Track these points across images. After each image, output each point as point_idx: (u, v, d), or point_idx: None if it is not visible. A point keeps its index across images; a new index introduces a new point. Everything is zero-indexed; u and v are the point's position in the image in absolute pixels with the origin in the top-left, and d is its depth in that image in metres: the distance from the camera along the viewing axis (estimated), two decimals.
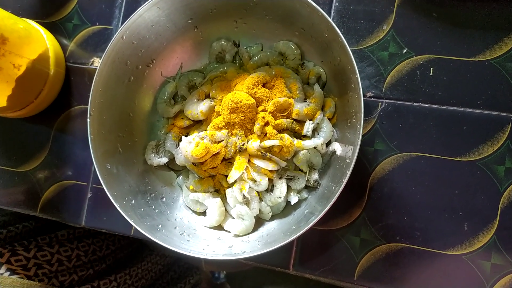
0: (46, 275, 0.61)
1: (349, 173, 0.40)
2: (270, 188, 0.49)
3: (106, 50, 0.46)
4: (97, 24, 0.61)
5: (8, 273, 0.56)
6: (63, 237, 0.70)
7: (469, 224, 0.47)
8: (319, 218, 0.40)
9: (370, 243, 0.49)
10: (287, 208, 0.50)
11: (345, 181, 0.40)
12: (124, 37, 0.47)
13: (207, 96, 0.52)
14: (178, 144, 0.51)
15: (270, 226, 0.48)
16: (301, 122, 0.49)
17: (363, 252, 0.50)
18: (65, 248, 0.67)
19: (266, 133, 0.47)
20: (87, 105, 0.47)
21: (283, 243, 0.41)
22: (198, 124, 0.52)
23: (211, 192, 0.51)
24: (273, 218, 0.50)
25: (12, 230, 0.65)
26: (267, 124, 0.48)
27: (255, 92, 0.48)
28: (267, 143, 0.46)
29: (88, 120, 0.46)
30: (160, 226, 0.47)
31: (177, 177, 0.54)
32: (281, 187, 0.48)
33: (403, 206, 0.49)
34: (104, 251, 0.77)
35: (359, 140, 0.40)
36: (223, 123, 0.48)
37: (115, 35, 0.47)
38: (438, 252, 0.48)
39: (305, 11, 0.44)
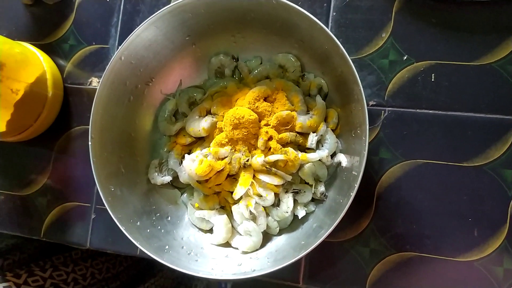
0: None
1: (357, 186, 0.40)
2: (277, 203, 0.48)
3: (105, 72, 0.46)
4: (94, 43, 0.60)
5: None
6: (77, 256, 0.70)
7: (479, 229, 0.47)
8: (328, 233, 0.40)
9: (380, 253, 0.49)
10: (295, 222, 0.49)
11: (353, 194, 0.40)
12: (123, 58, 0.47)
13: (209, 112, 0.52)
14: (181, 162, 0.51)
15: (279, 241, 0.48)
16: (304, 135, 0.49)
17: (373, 262, 0.49)
18: (79, 267, 0.67)
19: (270, 148, 0.47)
20: (87, 125, 0.46)
21: (293, 260, 0.40)
22: (200, 141, 0.52)
23: (216, 209, 0.50)
24: (281, 232, 0.49)
25: (25, 252, 0.65)
26: (270, 138, 0.47)
27: (257, 106, 0.48)
28: (272, 158, 0.46)
29: (90, 143, 0.46)
30: (167, 247, 0.46)
31: (182, 195, 0.53)
32: (287, 201, 0.47)
33: (411, 214, 0.49)
34: (117, 269, 0.77)
35: (365, 153, 0.40)
36: (226, 140, 0.48)
37: (113, 56, 0.46)
38: (449, 259, 0.47)
39: (303, 24, 0.44)
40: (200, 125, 0.50)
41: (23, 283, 0.57)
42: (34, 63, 0.56)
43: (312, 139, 0.48)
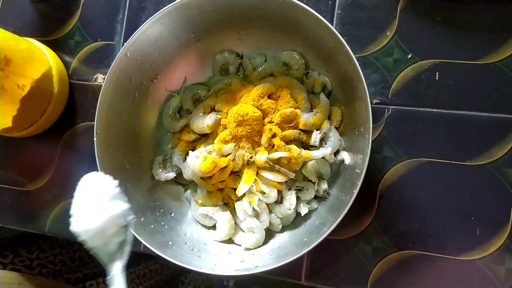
0: (50, 273, 0.61)
1: (359, 184, 0.40)
2: (280, 200, 0.49)
3: (110, 68, 0.46)
4: (99, 40, 0.61)
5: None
6: (64, 241, 0.70)
7: (482, 228, 0.47)
8: (331, 231, 0.40)
9: (382, 251, 0.49)
10: (298, 220, 0.49)
11: (356, 192, 0.40)
12: (128, 54, 0.47)
13: (213, 109, 0.52)
14: (185, 159, 0.51)
15: (281, 238, 0.48)
16: (308, 132, 0.49)
17: (376, 260, 0.49)
18: (67, 250, 0.67)
19: (274, 145, 0.47)
20: (92, 121, 0.47)
21: (295, 257, 0.40)
22: (204, 137, 0.52)
23: (220, 205, 0.50)
24: (283, 229, 0.49)
25: (8, 237, 0.65)
26: (274, 136, 0.47)
27: (261, 104, 0.48)
28: (275, 155, 0.46)
29: (95, 139, 0.46)
30: (170, 243, 0.46)
31: (185, 191, 0.54)
32: (290, 198, 0.48)
33: (414, 212, 0.49)
34: None
35: (369, 150, 0.40)
36: (230, 136, 0.48)
37: (118, 53, 0.47)
38: (451, 258, 0.47)
39: (308, 22, 0.44)
40: (204, 122, 0.50)
41: (9, 262, 0.57)
42: (40, 59, 0.57)
43: (315, 137, 0.48)
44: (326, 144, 0.49)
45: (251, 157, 0.47)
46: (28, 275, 0.58)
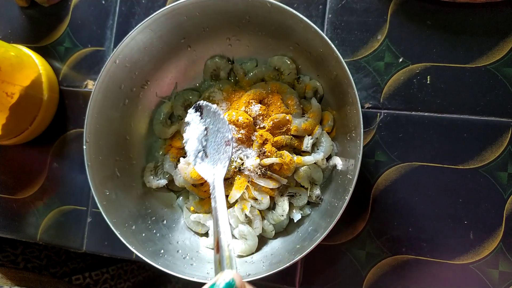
0: (36, 268, 0.60)
1: (351, 189, 0.40)
2: (272, 206, 0.48)
3: (100, 75, 0.46)
4: (89, 46, 0.60)
5: None
6: None
7: (475, 232, 0.47)
8: (323, 237, 0.40)
9: (376, 256, 0.49)
10: (291, 226, 0.49)
11: (348, 198, 0.39)
12: (117, 61, 0.47)
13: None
14: (177, 165, 0.51)
15: (274, 245, 0.48)
16: (300, 138, 0.48)
17: (369, 265, 0.49)
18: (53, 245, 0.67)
19: (265, 151, 0.47)
20: (83, 128, 0.46)
21: (287, 264, 0.40)
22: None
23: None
24: (276, 236, 0.49)
25: None
26: (265, 141, 0.47)
27: (252, 109, 0.47)
28: (267, 161, 0.46)
29: (84, 147, 0.45)
30: (162, 251, 0.46)
31: (177, 198, 0.53)
32: (283, 204, 0.47)
33: (407, 217, 0.49)
34: None
35: (360, 156, 0.40)
36: None
37: (107, 60, 0.46)
38: (445, 262, 0.47)
39: (298, 27, 0.44)
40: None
41: None
42: (29, 66, 0.56)
43: (307, 142, 0.48)
44: (318, 149, 0.48)
45: (242, 164, 0.47)
46: (13, 269, 0.57)
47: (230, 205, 0.49)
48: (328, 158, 0.48)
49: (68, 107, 0.60)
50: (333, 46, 0.41)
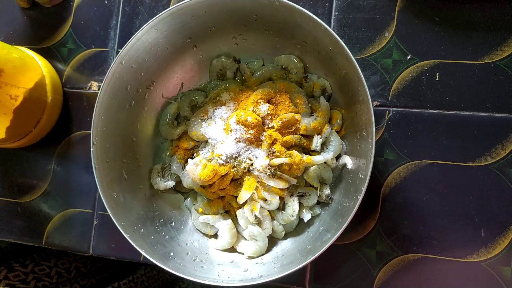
0: (47, 286, 0.59)
1: (364, 189, 0.39)
2: (282, 207, 0.48)
3: (105, 77, 0.45)
4: (93, 47, 0.60)
5: None
6: (60, 252, 0.69)
7: (486, 230, 0.46)
8: (336, 238, 0.39)
9: (386, 255, 0.48)
10: (301, 226, 0.48)
11: (360, 198, 0.39)
12: (123, 62, 0.46)
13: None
14: (184, 166, 0.50)
15: (285, 246, 0.47)
16: (309, 137, 0.48)
17: (380, 264, 0.48)
18: (62, 261, 0.66)
19: (275, 151, 0.46)
20: (88, 130, 0.46)
21: (300, 266, 0.40)
22: (203, 144, 0.51)
23: (221, 213, 0.50)
24: (286, 236, 0.48)
25: (3, 250, 0.64)
26: (274, 141, 0.46)
27: (260, 109, 0.47)
28: (276, 161, 0.45)
29: (92, 150, 0.45)
30: (172, 254, 0.46)
31: (185, 199, 0.53)
32: (293, 204, 0.47)
33: (417, 215, 0.48)
34: (103, 262, 0.75)
35: (372, 155, 0.39)
36: None
37: (113, 61, 0.45)
38: (456, 260, 0.47)
39: (306, 25, 0.43)
40: (202, 129, 0.49)
41: (3, 278, 0.56)
42: (32, 68, 0.56)
43: (316, 141, 0.47)
44: (327, 148, 0.48)
45: (251, 164, 0.46)
46: None
47: (239, 206, 0.48)
48: (338, 157, 0.48)
49: (72, 109, 0.60)
50: (343, 44, 0.40)
